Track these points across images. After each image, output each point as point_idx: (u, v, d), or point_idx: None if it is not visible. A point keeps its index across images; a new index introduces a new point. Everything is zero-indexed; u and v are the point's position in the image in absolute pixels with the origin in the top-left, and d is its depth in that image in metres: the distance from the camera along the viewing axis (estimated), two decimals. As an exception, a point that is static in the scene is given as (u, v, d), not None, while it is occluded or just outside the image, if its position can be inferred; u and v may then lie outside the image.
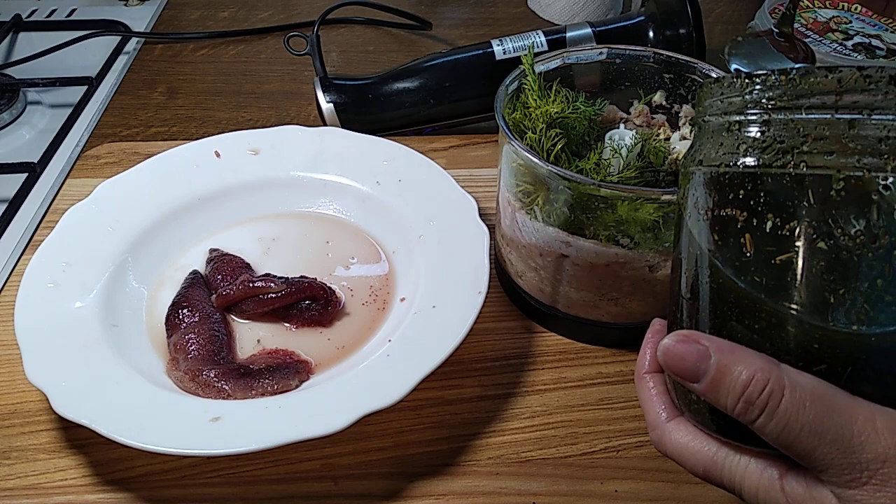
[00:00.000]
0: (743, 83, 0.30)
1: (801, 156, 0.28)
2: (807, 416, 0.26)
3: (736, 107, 0.30)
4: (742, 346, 0.28)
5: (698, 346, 0.29)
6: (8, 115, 0.79)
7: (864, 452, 0.26)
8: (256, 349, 0.51)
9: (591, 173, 0.48)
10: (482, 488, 0.44)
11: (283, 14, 0.99)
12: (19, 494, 0.44)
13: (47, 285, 0.50)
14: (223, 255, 0.56)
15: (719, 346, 0.29)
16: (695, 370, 0.29)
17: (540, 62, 0.53)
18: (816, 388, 0.27)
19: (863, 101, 0.27)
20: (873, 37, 0.69)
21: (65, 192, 0.66)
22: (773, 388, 0.27)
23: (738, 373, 0.28)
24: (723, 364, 0.28)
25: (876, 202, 0.27)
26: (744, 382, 0.27)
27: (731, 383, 0.28)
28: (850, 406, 0.27)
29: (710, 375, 0.28)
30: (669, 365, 0.30)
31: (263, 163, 0.62)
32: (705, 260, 0.31)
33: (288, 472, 0.45)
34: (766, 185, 0.29)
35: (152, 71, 0.87)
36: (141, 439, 0.40)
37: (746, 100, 0.30)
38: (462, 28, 0.96)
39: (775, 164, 0.28)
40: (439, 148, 0.69)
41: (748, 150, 0.29)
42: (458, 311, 0.48)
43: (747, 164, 0.29)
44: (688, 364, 0.29)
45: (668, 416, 0.33)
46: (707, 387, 0.28)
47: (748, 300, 0.29)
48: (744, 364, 0.28)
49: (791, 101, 0.28)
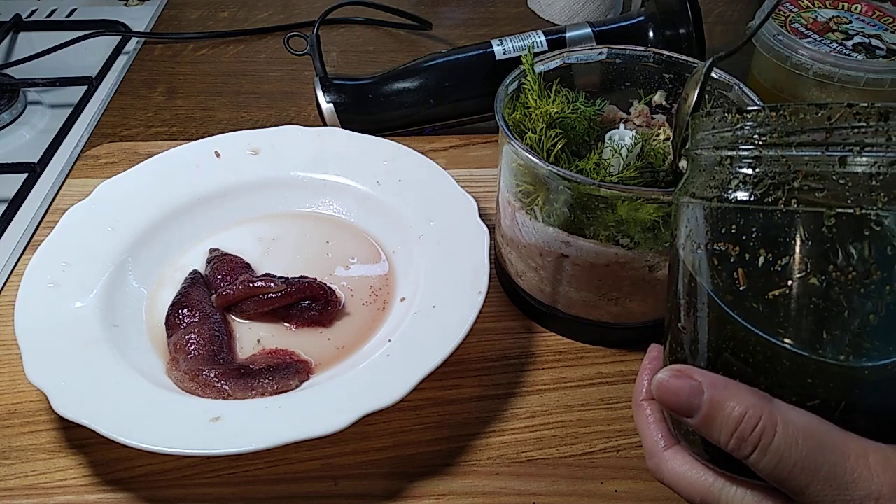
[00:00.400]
0: (734, 118, 0.30)
1: (793, 192, 0.28)
2: (799, 452, 0.27)
3: (727, 142, 0.30)
4: (735, 382, 0.29)
5: (691, 382, 0.29)
6: (8, 115, 0.79)
7: (857, 490, 0.26)
8: (256, 349, 0.51)
9: (591, 173, 0.48)
10: (482, 488, 0.44)
11: (283, 14, 0.99)
12: (19, 494, 0.44)
13: (47, 285, 0.50)
14: (223, 255, 0.56)
15: (712, 381, 0.29)
16: (688, 405, 0.29)
17: (540, 62, 0.53)
18: (809, 425, 0.27)
19: (853, 137, 0.27)
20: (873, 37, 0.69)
21: (65, 192, 0.66)
22: (766, 424, 0.27)
23: (731, 409, 0.28)
24: (715, 400, 0.28)
25: (868, 238, 0.27)
26: (736, 419, 0.27)
27: (724, 419, 0.28)
28: (842, 442, 0.27)
29: (703, 411, 0.29)
30: (663, 400, 0.30)
31: (263, 163, 0.62)
32: (699, 291, 0.31)
33: (288, 472, 0.45)
34: (757, 220, 0.29)
35: (152, 71, 0.87)
36: (141, 439, 0.40)
37: (737, 135, 0.30)
38: (462, 28, 0.96)
39: (766, 200, 0.28)
40: (439, 148, 0.69)
41: (739, 185, 0.29)
42: (458, 311, 0.48)
43: (739, 199, 0.29)
44: (681, 399, 0.29)
45: (666, 445, 0.33)
46: (700, 422, 0.29)
47: (742, 333, 0.29)
48: (736, 400, 0.28)
49: (781, 138, 0.28)
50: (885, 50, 0.68)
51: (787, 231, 0.28)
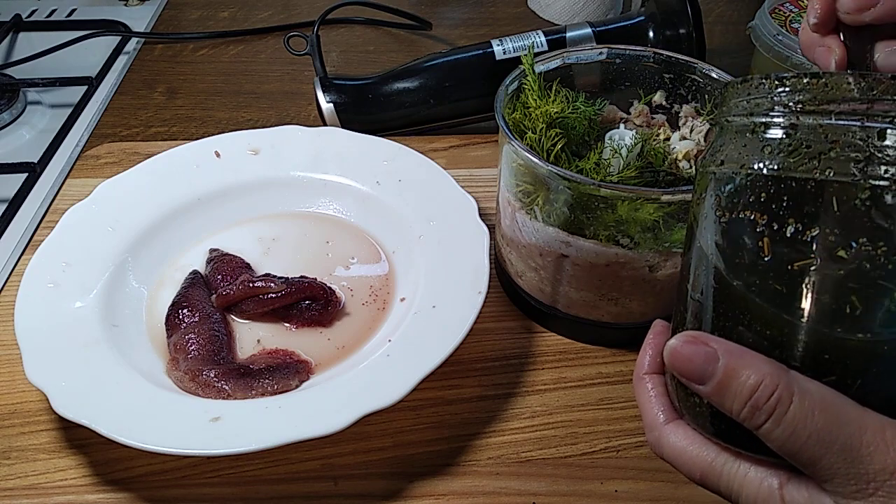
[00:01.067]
0: (772, 84, 0.29)
1: (828, 162, 0.27)
2: (815, 424, 0.26)
3: (762, 108, 0.29)
4: (752, 351, 0.28)
5: (706, 348, 0.28)
6: (8, 115, 0.79)
7: (872, 463, 0.26)
8: (256, 349, 0.51)
9: (591, 173, 0.48)
10: (482, 488, 0.44)
11: (283, 14, 0.99)
12: (19, 494, 0.44)
13: (47, 285, 0.50)
14: (223, 255, 0.56)
15: (728, 349, 0.28)
16: (702, 372, 0.28)
17: (540, 62, 0.53)
18: (826, 397, 0.27)
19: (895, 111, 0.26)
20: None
21: (65, 192, 0.66)
22: (782, 393, 0.26)
23: (747, 377, 0.27)
24: (731, 367, 0.28)
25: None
26: (752, 387, 0.27)
27: (738, 387, 0.27)
28: (859, 416, 0.26)
29: (717, 378, 0.28)
30: (676, 366, 0.29)
31: (263, 163, 0.61)
32: (719, 262, 0.30)
33: (288, 472, 0.45)
34: (789, 189, 0.28)
35: (152, 71, 0.87)
36: (141, 439, 0.40)
37: (773, 101, 0.29)
38: (462, 28, 0.96)
39: (800, 168, 0.28)
40: (439, 148, 0.69)
41: (772, 152, 0.29)
42: (458, 311, 0.48)
43: (771, 166, 0.29)
44: (695, 366, 0.28)
45: (667, 419, 0.33)
46: (713, 389, 0.28)
47: (761, 306, 0.28)
48: (753, 368, 0.27)
49: (820, 106, 0.28)
50: (885, 50, 0.68)
51: (819, 202, 0.27)
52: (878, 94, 0.27)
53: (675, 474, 0.45)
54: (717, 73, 0.51)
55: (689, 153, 0.51)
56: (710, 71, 0.52)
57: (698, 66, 0.52)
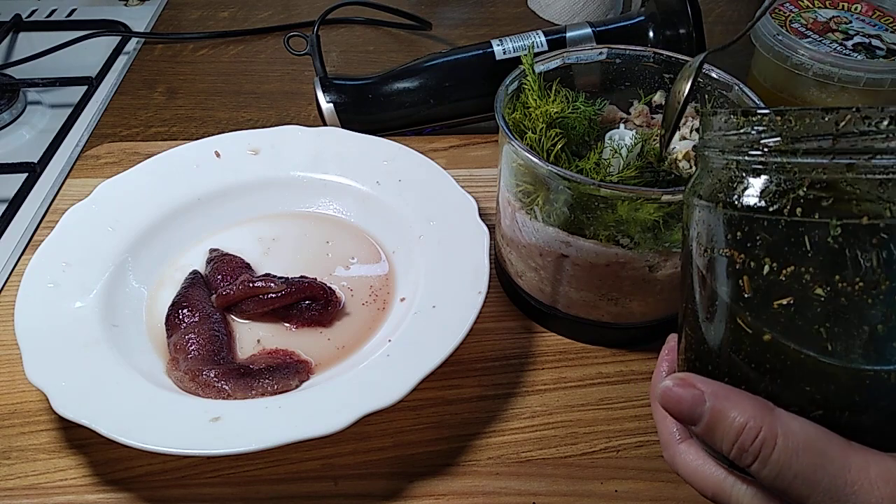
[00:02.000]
0: (739, 121, 0.29)
1: (798, 201, 0.27)
2: (799, 464, 0.27)
3: (733, 145, 0.29)
4: (737, 391, 0.29)
5: (694, 391, 0.29)
6: (8, 115, 0.79)
7: (857, 502, 0.26)
8: (256, 349, 0.51)
9: (591, 173, 0.48)
10: (482, 488, 0.44)
11: (283, 14, 0.99)
12: (19, 494, 0.44)
13: (47, 285, 0.50)
14: (223, 255, 0.56)
15: (714, 391, 0.29)
16: (690, 414, 0.29)
17: (540, 62, 0.53)
18: (809, 436, 0.27)
19: (861, 143, 0.26)
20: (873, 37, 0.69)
21: (65, 192, 0.66)
22: (766, 435, 0.27)
23: (733, 419, 0.28)
24: (716, 410, 0.28)
25: (875, 247, 0.26)
26: (737, 429, 0.28)
27: (725, 429, 0.28)
28: (844, 454, 0.27)
29: (704, 420, 0.29)
30: (667, 407, 0.30)
31: (263, 163, 0.62)
32: (706, 292, 0.30)
33: (288, 472, 0.45)
34: (762, 227, 0.28)
35: (152, 71, 0.87)
36: (141, 439, 0.40)
37: (743, 140, 0.29)
38: (462, 28, 0.96)
39: (771, 208, 0.28)
40: (439, 148, 0.69)
41: (744, 191, 0.29)
42: (458, 311, 0.48)
43: (744, 205, 0.29)
44: (683, 408, 0.29)
45: (681, 438, 0.33)
46: (703, 431, 0.29)
47: (747, 338, 0.29)
48: (738, 410, 0.28)
49: (788, 144, 0.27)
50: (885, 50, 0.68)
51: (792, 240, 0.27)
52: (844, 129, 0.26)
53: (674, 474, 0.45)
54: (717, 73, 0.51)
55: (689, 153, 0.51)
56: (710, 71, 0.52)
57: (690, 60, 0.52)
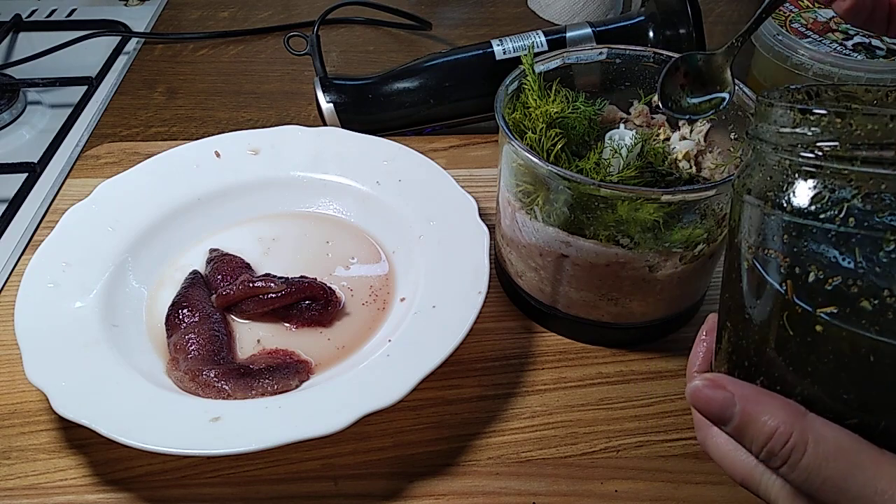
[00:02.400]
0: (796, 118, 0.27)
1: (851, 210, 0.26)
2: (829, 470, 0.26)
3: (787, 143, 0.28)
4: (769, 394, 0.29)
5: (724, 393, 0.29)
6: (8, 115, 0.79)
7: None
8: (256, 349, 0.51)
9: (591, 173, 0.48)
10: (482, 488, 0.44)
11: (283, 14, 0.99)
12: (19, 494, 0.44)
13: (47, 285, 0.50)
14: (223, 255, 0.56)
15: (744, 394, 0.29)
16: (720, 416, 0.29)
17: (540, 62, 0.53)
18: (842, 443, 0.27)
19: None
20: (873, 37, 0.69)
21: (65, 192, 0.66)
22: (797, 441, 0.27)
23: (763, 423, 0.28)
24: (747, 413, 0.28)
25: None
26: (767, 434, 0.28)
27: (755, 432, 0.28)
28: (875, 462, 0.26)
29: (734, 423, 0.29)
30: (697, 407, 0.30)
31: (263, 163, 0.62)
32: (752, 290, 0.29)
33: (288, 472, 0.45)
34: (811, 234, 0.27)
35: (152, 71, 0.87)
36: (141, 439, 0.40)
37: (798, 139, 0.27)
38: (462, 28, 0.96)
39: (822, 215, 0.26)
40: (439, 148, 0.69)
41: (795, 193, 0.27)
42: (458, 311, 0.48)
43: (794, 208, 0.27)
44: (713, 409, 0.29)
45: None
46: (733, 431, 0.29)
47: (787, 339, 0.28)
48: (769, 414, 0.28)
49: (846, 151, 0.26)
50: (885, 50, 0.68)
51: (843, 250, 0.26)
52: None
53: (675, 474, 0.45)
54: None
55: (689, 153, 0.51)
56: (710, 71, 0.52)
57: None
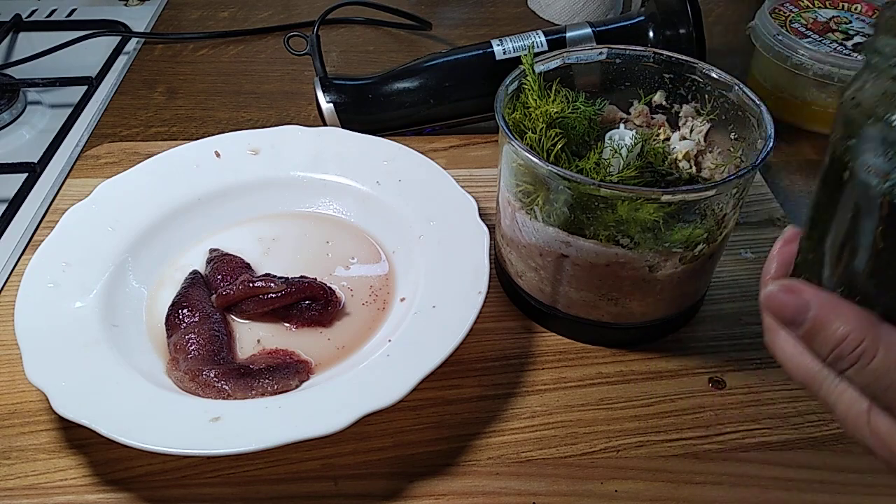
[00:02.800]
0: None
1: None
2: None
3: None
4: (846, 303, 0.29)
5: (799, 299, 0.30)
6: (8, 115, 0.79)
7: None
8: (256, 349, 0.51)
9: (591, 173, 0.48)
10: (482, 488, 0.44)
11: (283, 14, 0.99)
12: (19, 494, 0.44)
13: (47, 285, 0.50)
14: (223, 255, 0.56)
15: (821, 301, 0.29)
16: (793, 320, 0.30)
17: (540, 62, 0.53)
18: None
19: None
20: (873, 37, 0.69)
21: (65, 192, 0.66)
22: (867, 347, 0.28)
23: (835, 329, 0.29)
24: (820, 318, 0.29)
25: None
26: (839, 338, 0.28)
27: (826, 337, 0.29)
28: None
29: (805, 327, 0.30)
30: (770, 310, 0.31)
31: (263, 163, 0.62)
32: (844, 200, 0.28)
33: (288, 472, 0.45)
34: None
35: (152, 71, 0.87)
36: (141, 439, 0.40)
37: None
38: (462, 28, 0.96)
39: None
40: (439, 148, 0.69)
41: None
42: (458, 311, 0.48)
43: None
44: (787, 314, 0.30)
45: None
46: (803, 334, 0.30)
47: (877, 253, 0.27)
48: (842, 320, 0.28)
49: None
50: (885, 50, 0.68)
51: None
52: None
53: (675, 474, 0.45)
54: (717, 73, 0.51)
55: (689, 153, 0.52)
56: (710, 71, 0.52)
57: (698, 66, 0.52)
